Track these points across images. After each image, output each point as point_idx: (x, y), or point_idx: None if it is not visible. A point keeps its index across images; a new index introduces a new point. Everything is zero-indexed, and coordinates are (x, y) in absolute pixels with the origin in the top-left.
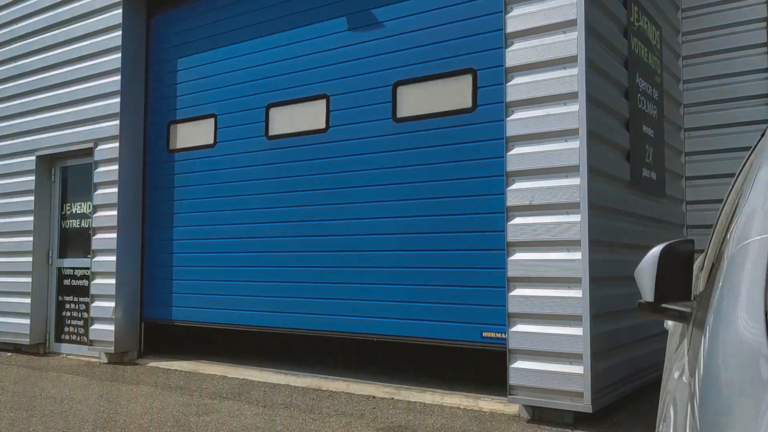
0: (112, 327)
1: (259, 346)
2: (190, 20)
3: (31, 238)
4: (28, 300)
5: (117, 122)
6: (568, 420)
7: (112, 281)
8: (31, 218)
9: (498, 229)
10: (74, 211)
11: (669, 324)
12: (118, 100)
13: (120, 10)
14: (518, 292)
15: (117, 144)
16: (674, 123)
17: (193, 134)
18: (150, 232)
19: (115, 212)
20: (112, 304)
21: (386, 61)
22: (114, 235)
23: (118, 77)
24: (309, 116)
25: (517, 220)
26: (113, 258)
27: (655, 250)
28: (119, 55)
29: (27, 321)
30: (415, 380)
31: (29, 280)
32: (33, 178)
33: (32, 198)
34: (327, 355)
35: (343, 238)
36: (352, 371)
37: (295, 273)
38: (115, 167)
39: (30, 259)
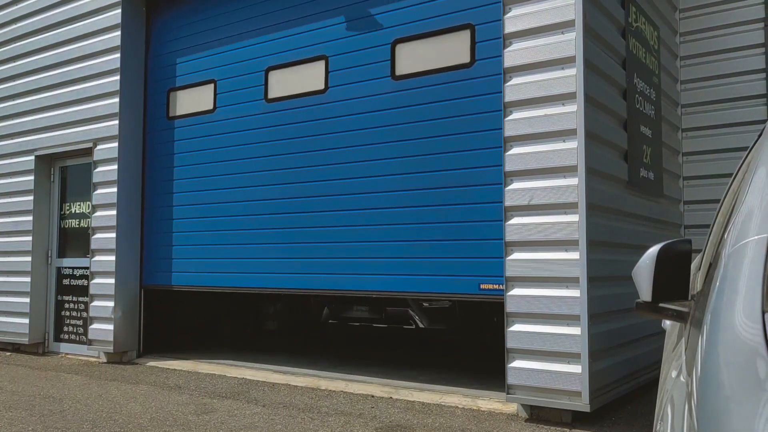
0: (111, 326)
1: (260, 344)
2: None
3: (30, 238)
4: (27, 299)
5: (116, 122)
6: (566, 419)
7: (112, 281)
8: (31, 218)
9: (495, 182)
10: (73, 211)
11: (666, 323)
12: (117, 100)
13: (119, 10)
14: (516, 291)
15: (116, 144)
16: (672, 123)
17: (193, 101)
18: (149, 200)
19: (114, 212)
20: (112, 303)
21: (385, 19)
22: (113, 235)
23: (118, 77)
24: (308, 78)
25: (516, 220)
26: (112, 258)
27: (653, 250)
28: (118, 54)
29: (26, 320)
30: (414, 379)
31: (28, 279)
32: (32, 177)
33: (31, 198)
34: (326, 352)
35: (344, 197)
36: (351, 369)
37: (295, 234)
38: (115, 167)
39: (29, 258)
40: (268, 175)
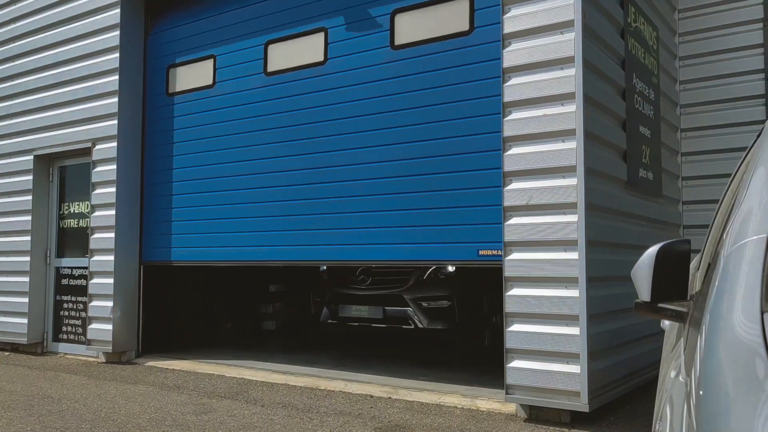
0: (110, 326)
1: (259, 344)
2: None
3: (29, 238)
4: (25, 299)
5: (115, 122)
6: (565, 419)
7: (110, 281)
8: (29, 218)
9: (494, 149)
10: (72, 211)
11: (665, 323)
12: (116, 99)
13: (118, 10)
14: (515, 291)
15: (115, 143)
16: (671, 123)
17: (192, 76)
18: (148, 177)
19: (113, 212)
20: (110, 303)
21: None
22: (112, 235)
23: (117, 77)
24: (308, 50)
25: (514, 220)
26: (111, 257)
27: (652, 250)
28: (117, 54)
29: (25, 320)
30: (413, 379)
31: (27, 279)
32: (31, 177)
33: (30, 197)
34: (326, 349)
35: (344, 168)
36: (350, 369)
37: (295, 206)
38: (113, 167)
39: (28, 258)
40: (267, 148)
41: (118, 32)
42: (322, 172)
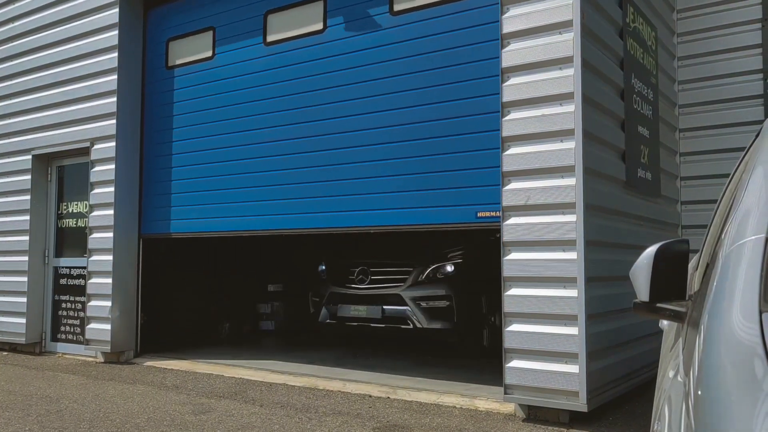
0: (108, 326)
1: (258, 344)
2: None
3: (27, 238)
4: (24, 299)
5: (114, 121)
6: (563, 419)
7: (109, 280)
8: (28, 217)
9: (492, 111)
10: (71, 211)
11: (664, 323)
12: (114, 99)
13: (116, 9)
14: (514, 291)
15: (113, 143)
16: (669, 123)
17: (192, 48)
18: (149, 150)
19: (111, 211)
20: (109, 303)
21: None
22: (111, 235)
23: (115, 76)
24: (307, 19)
25: (513, 220)
26: (110, 257)
27: (651, 250)
28: (116, 54)
29: (23, 320)
30: (412, 379)
31: (25, 279)
32: (29, 177)
33: (28, 197)
34: (326, 348)
35: (343, 135)
36: (348, 369)
37: (295, 174)
38: (112, 166)
39: (26, 258)
40: (267, 118)
41: (116, 32)
42: (321, 139)
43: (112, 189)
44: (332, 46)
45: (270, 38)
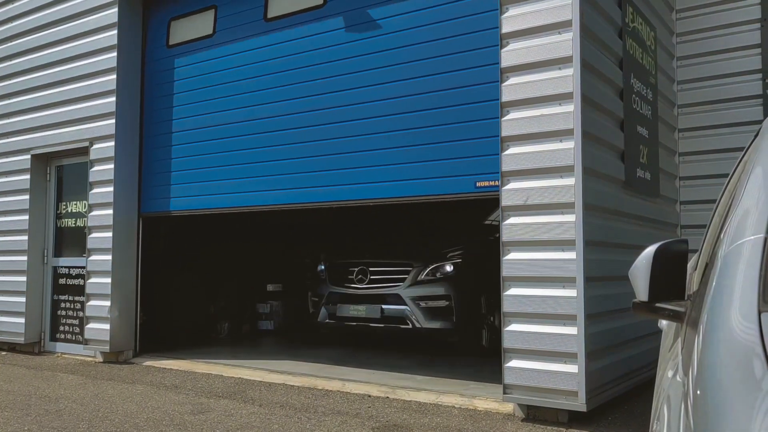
0: (107, 326)
1: (257, 344)
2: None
3: (26, 237)
4: (23, 299)
5: (113, 121)
6: (562, 419)
7: (108, 280)
8: (27, 217)
9: (491, 80)
10: (70, 210)
11: (663, 323)
12: (113, 99)
13: (115, 9)
14: (513, 291)
15: (112, 143)
16: (668, 123)
17: (193, 27)
18: (148, 128)
19: (110, 211)
20: (108, 303)
21: None
22: (110, 234)
23: (114, 76)
24: None
25: (512, 220)
26: (109, 257)
27: (650, 250)
28: (115, 54)
29: (22, 320)
30: (411, 379)
31: (24, 279)
32: (28, 177)
33: (27, 197)
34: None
35: (343, 108)
36: (348, 369)
37: (294, 149)
38: (111, 166)
39: (25, 258)
40: (266, 93)
41: (115, 31)
42: (321, 113)
43: (111, 188)
44: (332, 21)
45: (271, 14)
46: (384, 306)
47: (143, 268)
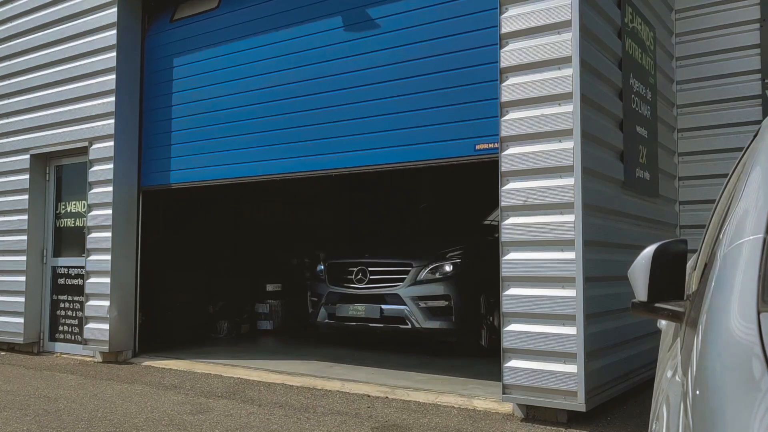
0: (106, 326)
1: (256, 344)
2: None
3: (25, 237)
4: (22, 299)
5: (112, 121)
6: (562, 419)
7: (107, 280)
8: (26, 217)
9: (490, 43)
10: (69, 210)
11: (662, 323)
12: (113, 99)
13: (115, 9)
14: (512, 291)
15: (112, 143)
16: (668, 123)
17: (198, 3)
18: (148, 102)
19: (110, 211)
20: (107, 303)
21: None
22: (109, 234)
23: (113, 76)
24: None
25: (511, 220)
26: (108, 257)
27: (649, 250)
28: (114, 53)
29: (21, 320)
30: (410, 379)
31: (23, 279)
32: (27, 176)
33: (26, 197)
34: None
35: (342, 76)
36: (347, 369)
37: (293, 118)
38: (110, 166)
39: (24, 258)
40: (266, 63)
41: (115, 31)
42: (318, 82)
43: (110, 188)
44: None
45: None
46: (383, 306)
47: (143, 268)
